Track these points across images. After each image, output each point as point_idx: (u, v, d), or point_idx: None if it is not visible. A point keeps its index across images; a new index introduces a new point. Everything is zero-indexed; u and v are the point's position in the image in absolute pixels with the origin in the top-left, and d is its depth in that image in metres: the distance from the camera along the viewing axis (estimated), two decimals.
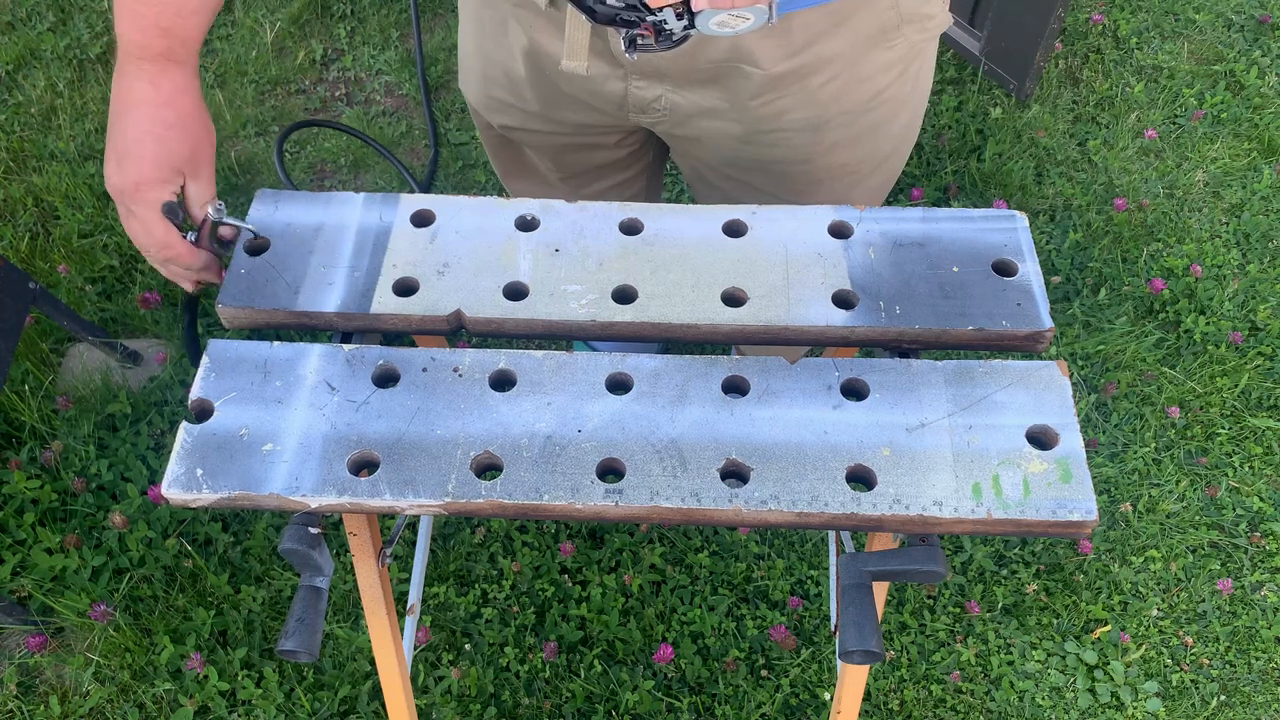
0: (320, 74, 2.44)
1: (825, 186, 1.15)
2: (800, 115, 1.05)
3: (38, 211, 2.12)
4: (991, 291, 0.92)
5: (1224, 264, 2.12)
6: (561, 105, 1.15)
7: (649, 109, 1.09)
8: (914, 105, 1.15)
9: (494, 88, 1.19)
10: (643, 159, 1.35)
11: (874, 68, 1.04)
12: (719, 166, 1.18)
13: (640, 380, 0.86)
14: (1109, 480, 1.85)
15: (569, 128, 1.20)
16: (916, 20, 1.03)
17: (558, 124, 1.19)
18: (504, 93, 1.18)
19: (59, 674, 1.62)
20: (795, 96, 1.03)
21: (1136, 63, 2.47)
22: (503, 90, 1.18)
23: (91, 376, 1.86)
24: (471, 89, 1.25)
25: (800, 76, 1.01)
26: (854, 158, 1.13)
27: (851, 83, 1.04)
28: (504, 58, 1.13)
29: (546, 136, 1.23)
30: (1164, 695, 1.65)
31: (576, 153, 1.27)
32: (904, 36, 1.03)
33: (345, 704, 1.58)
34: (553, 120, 1.19)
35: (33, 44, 2.43)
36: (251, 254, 0.95)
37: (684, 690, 1.62)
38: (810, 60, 0.99)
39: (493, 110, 1.23)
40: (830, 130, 1.08)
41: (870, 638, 0.81)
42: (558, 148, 1.26)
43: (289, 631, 0.83)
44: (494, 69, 1.17)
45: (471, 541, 1.73)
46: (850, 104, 1.06)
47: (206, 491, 0.80)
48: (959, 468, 0.81)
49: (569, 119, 1.18)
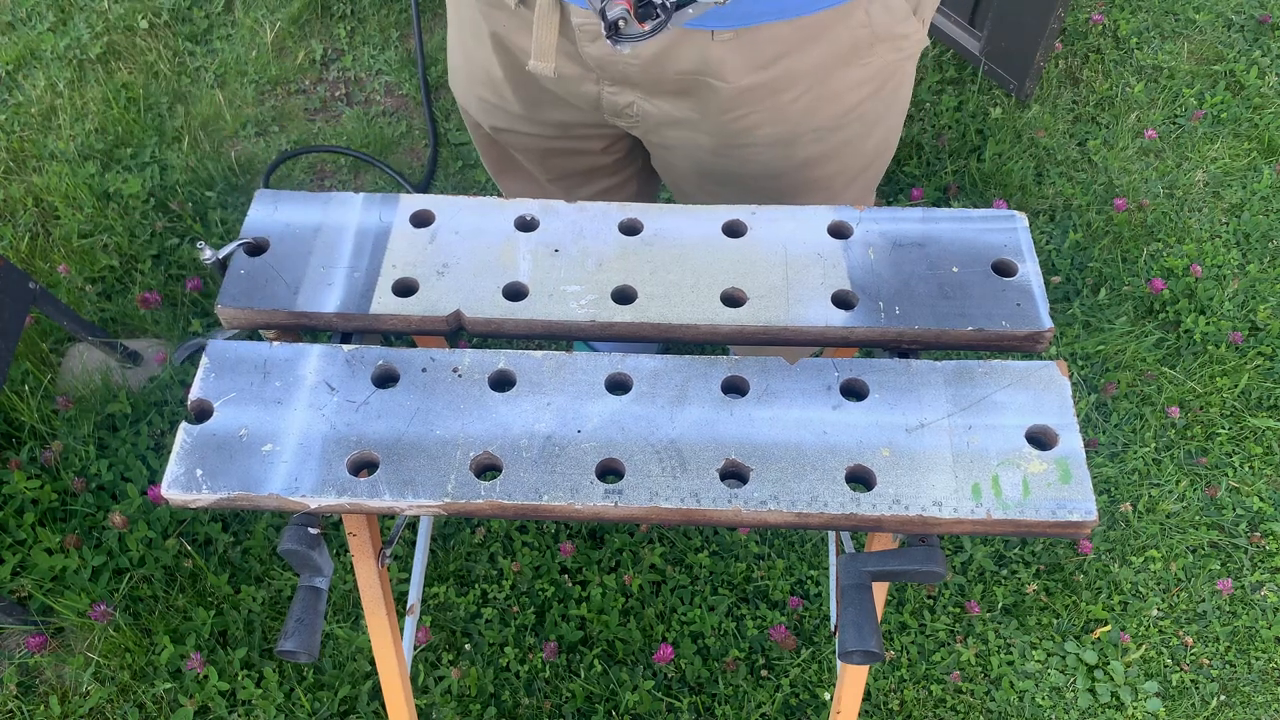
0: (320, 74, 2.44)
1: (797, 201, 1.14)
2: (770, 130, 1.05)
3: (38, 211, 2.12)
4: (991, 292, 0.92)
5: (1224, 264, 2.11)
6: (543, 104, 1.15)
7: (622, 114, 1.09)
8: (889, 122, 1.14)
9: (478, 87, 1.19)
10: (631, 165, 1.34)
11: (845, 84, 1.03)
12: (692, 177, 1.17)
13: (640, 380, 0.86)
14: (1109, 480, 1.85)
15: (553, 129, 1.19)
16: (890, 39, 1.02)
17: (541, 125, 1.19)
18: (488, 93, 1.18)
19: (59, 674, 1.62)
20: (765, 112, 1.03)
21: (1136, 63, 2.47)
22: (486, 90, 1.18)
23: (91, 376, 1.86)
24: (459, 88, 1.24)
25: (770, 91, 1.00)
26: (825, 173, 1.13)
27: (822, 99, 1.03)
28: (483, 58, 1.13)
29: (532, 139, 1.23)
30: (1164, 695, 1.65)
31: (563, 156, 1.26)
32: (877, 55, 1.02)
33: (345, 704, 1.58)
34: (536, 121, 1.18)
35: (33, 44, 2.43)
36: (251, 254, 0.95)
37: (684, 690, 1.62)
38: (779, 75, 0.99)
39: (479, 110, 1.23)
40: (801, 146, 1.08)
41: (870, 638, 0.81)
42: (544, 151, 1.25)
43: (289, 632, 0.83)
44: (477, 69, 1.16)
45: (471, 541, 1.73)
46: (821, 120, 1.05)
47: (206, 492, 0.80)
48: (959, 468, 0.81)
49: (552, 118, 1.17)
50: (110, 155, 2.22)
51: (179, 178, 2.18)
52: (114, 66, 2.40)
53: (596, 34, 0.97)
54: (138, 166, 2.20)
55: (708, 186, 1.17)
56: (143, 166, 2.20)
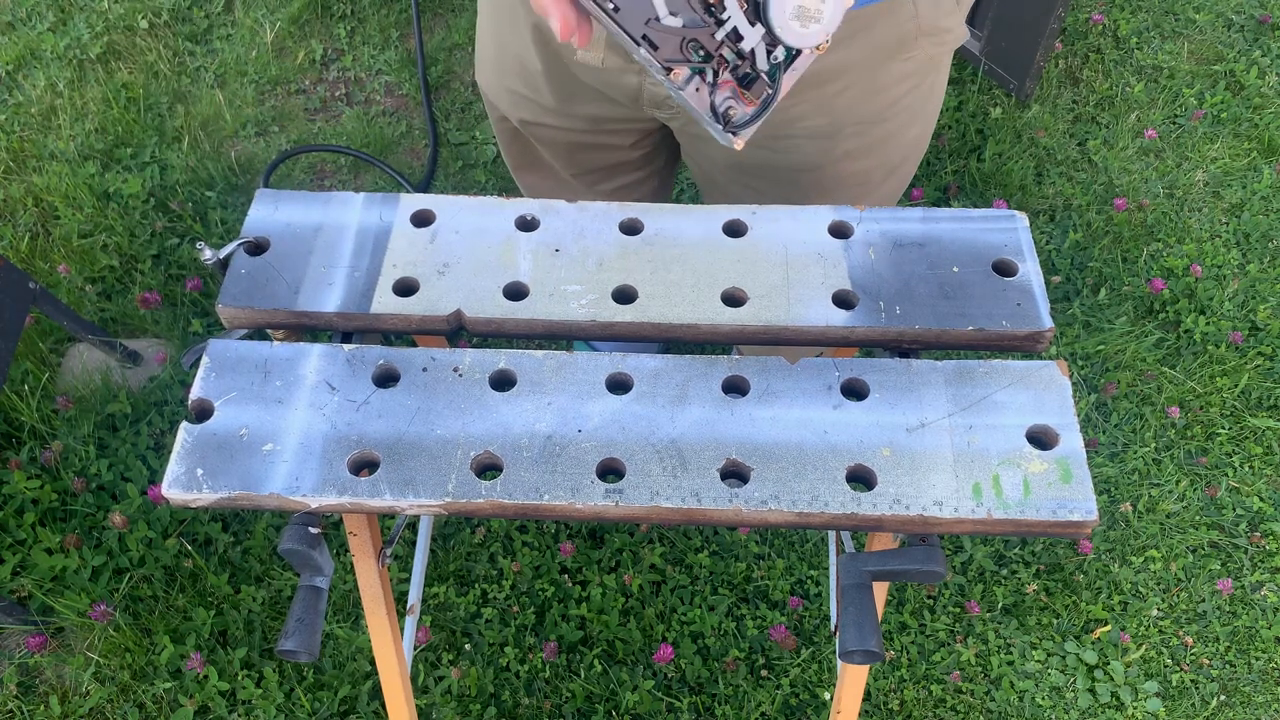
0: (320, 74, 2.44)
1: (833, 195, 1.14)
2: (813, 123, 1.05)
3: (38, 211, 2.12)
4: (991, 291, 0.92)
5: (1224, 264, 2.12)
6: (577, 98, 1.14)
7: (664, 105, 1.09)
8: (926, 117, 1.14)
9: (509, 79, 1.18)
10: (654, 161, 1.34)
11: (890, 78, 1.03)
12: (727, 169, 1.17)
13: (640, 380, 0.86)
14: (1109, 480, 1.85)
15: (584, 123, 1.19)
16: (935, 33, 1.02)
17: (573, 119, 1.18)
18: (519, 85, 1.17)
19: (59, 674, 1.62)
20: (810, 103, 1.03)
21: (1136, 63, 2.47)
22: (518, 82, 1.17)
23: (91, 376, 1.86)
24: (488, 80, 1.24)
25: (816, 84, 1.00)
26: (864, 167, 1.13)
27: (867, 93, 1.03)
28: (519, 48, 1.12)
29: (561, 133, 1.22)
30: (1164, 695, 1.65)
31: (590, 151, 1.26)
32: (921, 49, 1.02)
33: (345, 704, 1.58)
34: (568, 115, 1.18)
35: (33, 44, 2.43)
36: (251, 254, 0.95)
37: (684, 690, 1.62)
38: (828, 66, 0.99)
39: (508, 103, 1.22)
40: (842, 139, 1.08)
41: (870, 638, 0.81)
42: (571, 145, 1.25)
43: (289, 631, 0.83)
44: (509, 59, 1.16)
45: (471, 541, 1.73)
46: (864, 114, 1.05)
47: (206, 491, 0.79)
48: (959, 468, 0.81)
49: (585, 112, 1.17)
50: (110, 155, 2.22)
51: (179, 178, 2.18)
52: (114, 66, 2.40)
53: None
54: (138, 166, 2.20)
55: (742, 179, 1.17)
56: (143, 166, 2.20)
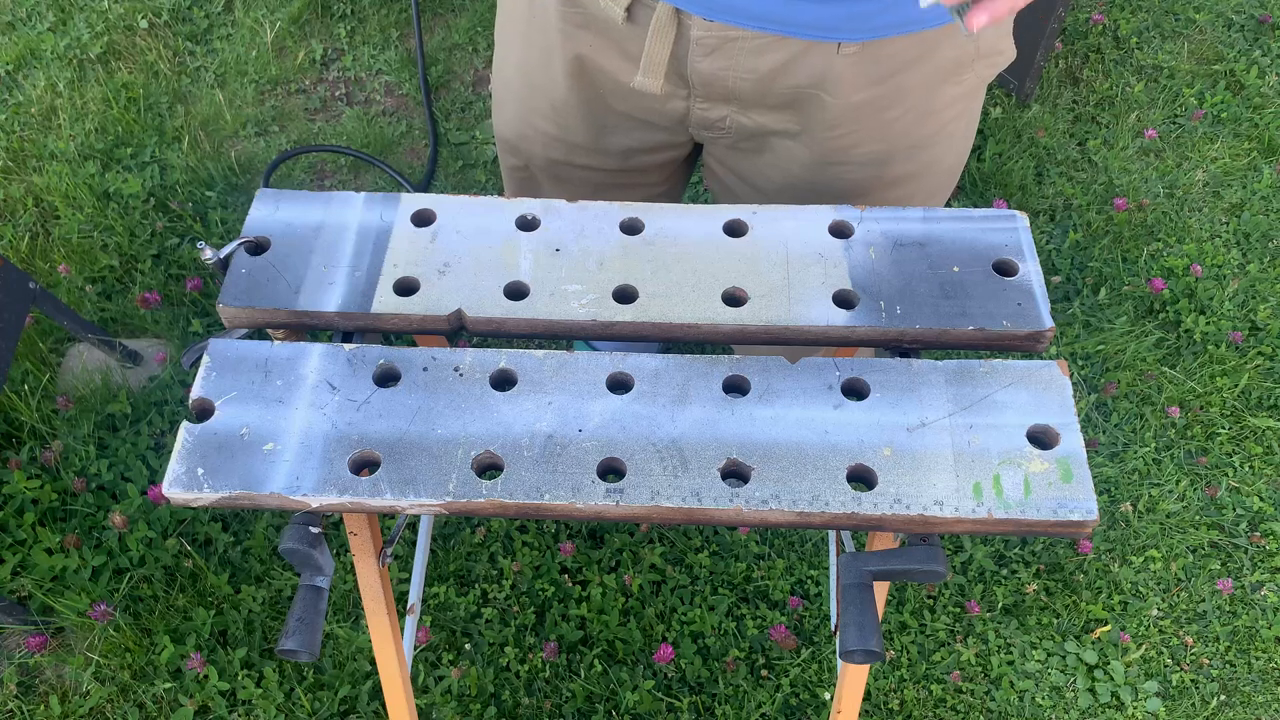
0: (320, 74, 2.44)
1: None
2: (869, 149, 1.04)
3: (38, 211, 2.12)
4: (992, 291, 0.92)
5: (1224, 264, 2.12)
6: (609, 130, 1.12)
7: (712, 127, 1.07)
8: (965, 141, 1.13)
9: (538, 120, 1.15)
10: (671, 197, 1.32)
11: (942, 101, 1.02)
12: (767, 188, 1.13)
13: (641, 380, 0.86)
14: (1109, 480, 1.85)
15: (615, 159, 1.16)
16: (990, 55, 1.01)
17: (604, 155, 1.16)
18: (549, 125, 1.14)
19: (59, 674, 1.62)
20: (868, 129, 1.01)
21: (1136, 62, 2.47)
22: (547, 121, 1.14)
23: (91, 376, 1.86)
24: (509, 124, 1.20)
25: (876, 109, 0.99)
26: (906, 193, 1.11)
27: (921, 116, 1.02)
28: (549, 86, 1.10)
29: (589, 173, 1.19)
30: (1164, 695, 1.65)
31: (612, 191, 1.22)
32: (974, 71, 1.01)
33: (345, 704, 1.58)
34: (599, 151, 1.15)
35: (33, 44, 2.43)
36: (252, 254, 0.95)
37: (684, 690, 1.62)
38: (889, 91, 0.98)
39: (536, 144, 1.18)
40: (893, 164, 1.06)
41: (870, 637, 0.81)
42: (594, 186, 1.21)
43: (289, 631, 0.83)
44: (539, 100, 1.13)
45: (471, 541, 1.73)
46: (916, 138, 1.04)
47: (207, 491, 0.79)
48: (960, 467, 0.81)
49: (618, 146, 1.14)
50: (110, 155, 2.22)
51: (179, 178, 2.18)
52: (114, 66, 2.40)
53: (713, 47, 0.95)
54: (138, 166, 2.20)
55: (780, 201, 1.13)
56: (143, 166, 2.20)
